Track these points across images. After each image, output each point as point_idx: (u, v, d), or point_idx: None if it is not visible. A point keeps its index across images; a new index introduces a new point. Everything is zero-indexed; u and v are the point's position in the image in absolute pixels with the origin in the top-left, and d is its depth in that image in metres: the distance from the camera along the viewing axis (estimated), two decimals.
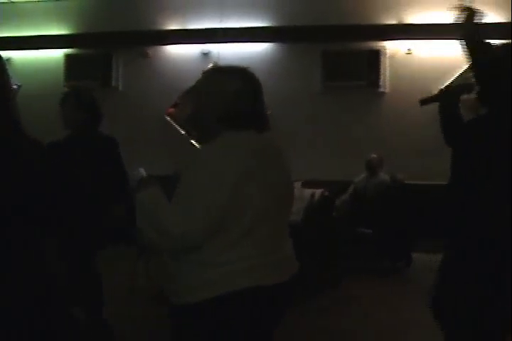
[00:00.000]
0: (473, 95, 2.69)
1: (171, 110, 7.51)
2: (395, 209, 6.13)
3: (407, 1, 7.07)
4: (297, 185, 6.51)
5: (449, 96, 2.82)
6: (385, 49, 7.13)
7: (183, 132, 7.53)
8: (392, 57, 7.11)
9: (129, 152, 4.30)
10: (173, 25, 7.42)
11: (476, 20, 2.73)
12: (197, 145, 2.19)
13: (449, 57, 7.00)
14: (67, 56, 7.88)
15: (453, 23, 6.93)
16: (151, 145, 7.33)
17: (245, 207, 1.85)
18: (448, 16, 6.74)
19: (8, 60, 7.14)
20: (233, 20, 7.23)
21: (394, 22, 7.08)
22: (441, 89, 2.89)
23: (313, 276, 5.41)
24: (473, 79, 2.78)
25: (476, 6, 2.77)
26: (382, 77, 7.07)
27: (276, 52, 7.35)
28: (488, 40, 2.87)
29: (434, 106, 6.96)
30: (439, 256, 2.38)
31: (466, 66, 6.80)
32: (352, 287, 5.39)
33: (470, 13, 2.76)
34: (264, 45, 7.34)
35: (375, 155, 6.50)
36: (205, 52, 7.37)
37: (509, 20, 6.94)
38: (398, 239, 6.18)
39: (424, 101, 2.94)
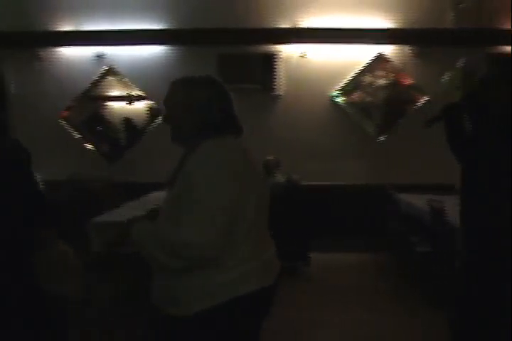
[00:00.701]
0: None
1: (65, 113, 7.33)
2: (292, 209, 6.19)
3: (302, 5, 7.17)
4: None
5: (456, 110, 2.93)
6: (279, 52, 7.19)
7: (77, 136, 7.36)
8: (286, 60, 7.19)
9: None
10: (67, 27, 7.22)
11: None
12: None
13: (342, 61, 7.20)
14: None
15: (345, 28, 7.15)
16: (45, 149, 7.09)
17: (241, 212, 1.92)
18: (341, 21, 6.98)
19: None
20: (128, 22, 7.10)
21: (288, 26, 7.16)
22: (445, 107, 3.00)
23: None
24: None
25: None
26: (277, 80, 7.14)
27: (172, 55, 7.28)
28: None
29: (326, 111, 7.07)
30: (337, 255, 2.43)
31: (356, 69, 7.07)
32: None
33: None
34: (160, 47, 7.25)
35: (271, 157, 6.55)
36: (100, 54, 7.20)
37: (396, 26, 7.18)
38: (296, 239, 6.24)
39: (431, 122, 2.99)
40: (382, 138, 7.24)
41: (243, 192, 1.92)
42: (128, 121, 7.37)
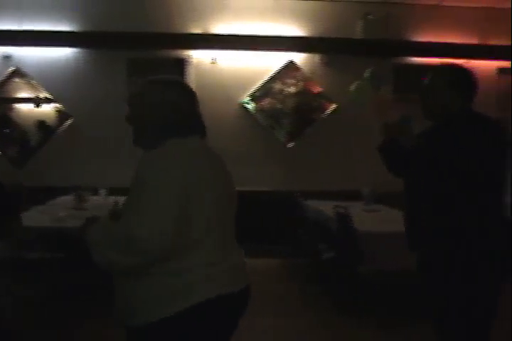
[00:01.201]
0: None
1: None
2: None
3: (214, 11, 7.21)
4: (102, 192, 6.43)
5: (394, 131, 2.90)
6: (190, 58, 7.20)
7: None
8: (197, 66, 7.20)
9: None
10: None
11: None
12: None
13: (253, 68, 7.26)
14: None
15: (256, 36, 7.20)
16: None
17: (195, 217, 1.85)
18: (252, 28, 7.03)
19: None
20: (37, 22, 6.97)
21: (200, 32, 7.18)
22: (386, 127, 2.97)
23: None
24: None
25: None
26: None
27: (82, 57, 7.18)
28: None
29: (236, 117, 7.01)
30: (264, 260, 2.41)
31: (267, 76, 7.14)
32: None
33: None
34: (69, 50, 7.14)
35: None
36: (6, 55, 7.04)
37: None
38: None
39: (383, 148, 2.98)
40: (291, 144, 7.32)
41: (199, 191, 1.87)
42: (42, 124, 7.21)
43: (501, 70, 7.67)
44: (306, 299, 5.41)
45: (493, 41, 7.52)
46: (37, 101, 7.06)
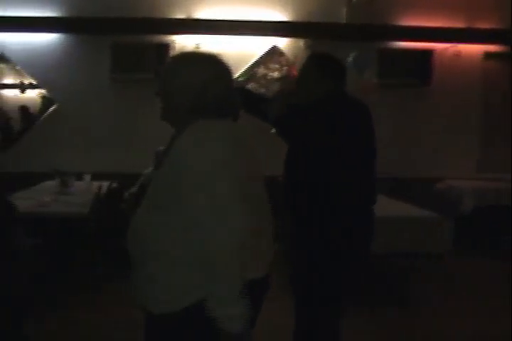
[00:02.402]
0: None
1: None
2: None
3: None
4: (86, 177, 6.47)
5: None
6: (174, 43, 7.18)
7: None
8: (181, 51, 7.19)
9: None
10: None
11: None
12: None
13: (237, 52, 7.23)
14: None
15: (240, 20, 7.18)
16: None
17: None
18: (236, 13, 7.01)
19: None
20: (19, 8, 6.96)
21: (183, 16, 7.16)
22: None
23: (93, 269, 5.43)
24: None
25: None
26: None
27: (65, 43, 7.17)
28: None
29: None
30: None
31: (251, 61, 7.14)
32: None
33: None
34: (53, 35, 7.13)
35: (162, 148, 6.56)
36: None
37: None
38: None
39: None
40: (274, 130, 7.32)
41: (236, 181, 1.74)
42: (24, 109, 7.24)
43: (488, 54, 7.64)
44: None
45: (480, 25, 7.48)
46: (21, 87, 7.08)
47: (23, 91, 7.07)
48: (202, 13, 7.19)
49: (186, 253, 1.73)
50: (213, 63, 1.92)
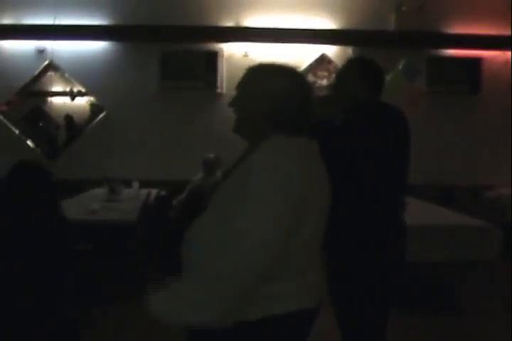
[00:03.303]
0: None
1: (4, 108, 7.22)
2: None
3: (246, 4, 7.20)
4: (135, 184, 6.48)
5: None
6: (222, 51, 7.20)
7: (16, 131, 7.26)
8: (229, 58, 7.21)
9: None
10: (7, 20, 7.12)
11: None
12: None
13: (284, 60, 7.16)
14: None
15: (289, 28, 7.17)
16: None
17: (304, 221, 1.68)
18: (284, 21, 7.01)
19: None
20: (69, 17, 7.03)
21: (232, 24, 7.18)
22: None
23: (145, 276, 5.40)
24: None
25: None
26: (219, 78, 7.15)
27: (114, 51, 7.23)
28: None
29: None
30: None
31: (299, 69, 7.12)
32: None
33: None
34: (102, 43, 7.19)
35: (211, 155, 6.55)
36: (40, 49, 7.11)
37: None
38: None
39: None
40: None
41: (310, 202, 1.69)
42: (69, 118, 7.29)
43: None
44: None
45: None
46: (71, 95, 7.11)
47: (73, 99, 7.10)
48: (250, 21, 7.20)
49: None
50: (291, 75, 1.84)
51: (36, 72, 7.18)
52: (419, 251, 4.64)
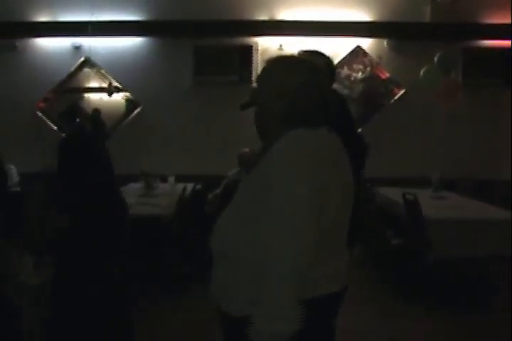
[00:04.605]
0: None
1: (42, 104, 7.30)
2: None
3: None
4: (170, 179, 6.52)
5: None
6: (257, 45, 7.20)
7: (54, 127, 7.34)
8: (263, 52, 7.20)
9: None
10: (44, 17, 7.19)
11: None
12: None
13: None
14: None
15: (323, 21, 7.12)
16: (20, 140, 7.09)
17: (325, 211, 1.70)
18: (318, 14, 6.98)
19: None
20: (105, 13, 7.07)
21: (266, 18, 7.17)
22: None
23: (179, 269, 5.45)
24: None
25: None
26: (254, 72, 7.15)
27: (149, 46, 7.28)
28: None
29: None
30: None
31: (334, 62, 7.08)
32: None
33: None
34: (137, 39, 7.24)
35: (247, 150, 6.56)
36: (77, 45, 7.19)
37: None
38: None
39: (244, 106, 2.73)
40: (358, 131, 7.25)
41: (330, 194, 1.70)
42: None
43: None
44: (368, 286, 5.33)
45: None
46: (109, 91, 7.16)
47: (110, 95, 7.14)
48: (285, 14, 7.18)
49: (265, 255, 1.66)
50: (309, 68, 1.83)
51: (72, 69, 7.25)
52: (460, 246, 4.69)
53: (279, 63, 1.88)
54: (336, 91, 2.73)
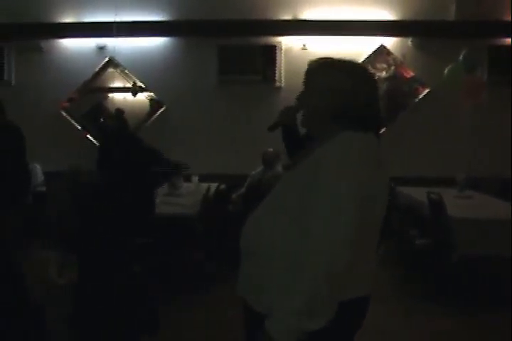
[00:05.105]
0: None
1: (66, 104, 7.36)
2: None
3: None
4: (194, 179, 6.53)
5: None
6: (280, 44, 7.20)
7: (79, 127, 7.39)
8: (287, 52, 7.20)
9: None
10: (68, 18, 7.25)
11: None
12: None
13: (343, 53, 7.07)
14: None
15: (347, 20, 7.10)
16: (45, 140, 7.15)
17: (369, 216, 1.70)
18: (342, 13, 6.96)
19: None
20: (129, 13, 7.11)
21: (290, 18, 7.16)
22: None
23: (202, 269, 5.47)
24: None
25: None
26: (277, 71, 7.15)
27: (173, 46, 7.31)
28: None
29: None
30: None
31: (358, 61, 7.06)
32: None
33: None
34: (161, 39, 7.28)
35: (270, 149, 6.55)
36: (101, 46, 7.24)
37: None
38: None
39: (272, 128, 2.66)
40: (382, 130, 7.23)
41: (375, 191, 1.70)
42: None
43: None
44: (393, 286, 5.28)
45: None
46: (133, 91, 7.19)
47: (135, 95, 7.16)
48: (308, 13, 7.17)
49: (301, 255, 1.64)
50: (359, 71, 1.85)
51: (97, 69, 7.31)
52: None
53: (330, 63, 1.88)
54: None
